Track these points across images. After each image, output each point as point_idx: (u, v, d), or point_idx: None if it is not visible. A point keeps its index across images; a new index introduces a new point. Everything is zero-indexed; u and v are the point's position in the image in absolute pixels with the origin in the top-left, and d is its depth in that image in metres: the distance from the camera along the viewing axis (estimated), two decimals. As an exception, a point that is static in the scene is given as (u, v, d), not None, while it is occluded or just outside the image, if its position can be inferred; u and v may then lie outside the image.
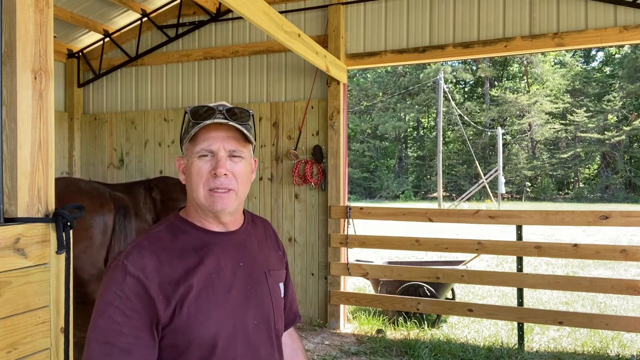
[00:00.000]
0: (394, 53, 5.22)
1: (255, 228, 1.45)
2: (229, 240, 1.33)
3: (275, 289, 1.41)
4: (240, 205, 1.33)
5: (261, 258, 1.40)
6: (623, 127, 34.21)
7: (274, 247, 1.50)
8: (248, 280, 1.32)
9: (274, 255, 1.48)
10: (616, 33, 4.49)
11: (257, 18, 3.26)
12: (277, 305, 1.40)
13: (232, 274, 1.29)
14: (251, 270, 1.34)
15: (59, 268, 1.84)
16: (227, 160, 1.26)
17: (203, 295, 1.22)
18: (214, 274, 1.25)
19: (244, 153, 1.29)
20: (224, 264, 1.29)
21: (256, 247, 1.41)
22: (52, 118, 1.87)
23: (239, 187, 1.28)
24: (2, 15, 1.72)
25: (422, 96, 39.34)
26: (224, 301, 1.25)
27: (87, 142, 6.60)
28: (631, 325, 4.29)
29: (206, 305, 1.22)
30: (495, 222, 4.83)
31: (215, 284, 1.25)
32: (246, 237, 1.38)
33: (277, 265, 1.46)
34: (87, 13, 5.93)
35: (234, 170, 1.27)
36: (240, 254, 1.34)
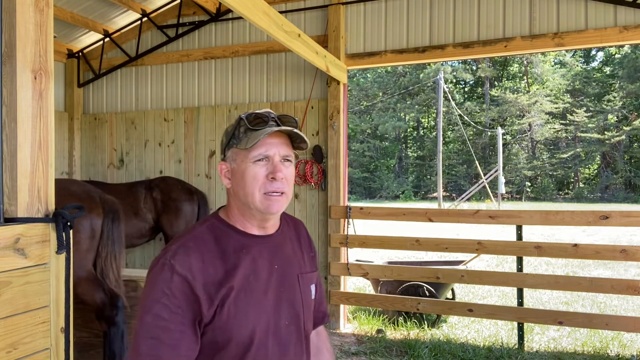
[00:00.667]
0: (394, 53, 5.22)
1: (289, 230, 1.50)
2: (266, 243, 1.38)
3: (307, 291, 1.45)
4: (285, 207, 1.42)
5: (294, 261, 1.45)
6: (623, 127, 34.21)
7: (306, 248, 1.53)
8: (282, 283, 1.38)
9: (306, 257, 1.51)
10: (616, 33, 4.49)
11: (257, 18, 3.26)
12: (307, 306, 1.44)
13: (267, 276, 1.35)
14: (285, 273, 1.40)
15: (58, 268, 1.84)
16: (281, 164, 1.33)
17: (242, 296, 1.28)
18: (251, 276, 1.32)
19: (292, 157, 1.38)
20: (260, 266, 1.34)
21: (290, 250, 1.46)
22: (52, 118, 1.87)
23: (289, 190, 1.36)
24: (2, 15, 1.72)
25: (422, 96, 39.34)
26: (260, 302, 1.32)
27: (87, 142, 6.60)
28: (631, 325, 4.29)
29: (244, 306, 1.29)
30: (495, 222, 4.83)
31: (252, 285, 1.31)
32: (282, 240, 1.44)
33: (309, 267, 1.50)
34: (87, 13, 5.93)
35: (286, 174, 1.34)
36: (275, 257, 1.39)
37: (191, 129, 6.04)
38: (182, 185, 5.49)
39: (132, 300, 3.60)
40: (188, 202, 5.34)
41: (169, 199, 5.32)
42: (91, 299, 3.33)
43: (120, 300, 3.39)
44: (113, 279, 3.45)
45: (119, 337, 3.40)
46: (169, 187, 5.40)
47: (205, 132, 5.97)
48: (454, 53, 5.04)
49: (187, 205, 5.33)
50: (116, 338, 3.39)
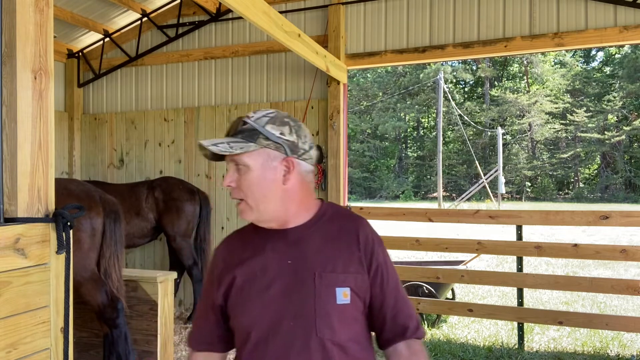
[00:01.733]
0: (394, 53, 5.22)
1: (326, 225, 1.37)
2: (283, 237, 1.35)
3: (326, 292, 1.29)
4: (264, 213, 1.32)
5: (316, 258, 1.32)
6: (623, 127, 34.20)
7: (348, 247, 1.34)
8: (293, 280, 1.31)
9: (344, 256, 1.33)
10: (616, 33, 4.48)
11: (257, 18, 3.26)
12: (324, 310, 1.28)
13: (276, 271, 1.32)
14: (299, 270, 1.31)
15: (58, 268, 1.84)
16: (235, 172, 1.33)
17: (245, 287, 1.33)
18: (259, 271, 1.33)
19: (245, 161, 1.30)
20: (270, 261, 1.33)
21: (315, 246, 1.34)
22: (52, 118, 1.87)
23: (248, 197, 1.31)
24: (2, 15, 1.72)
25: (422, 96, 39.34)
26: (261, 296, 1.31)
27: (87, 142, 6.59)
28: (631, 325, 4.29)
29: (242, 299, 1.33)
30: (495, 222, 4.83)
31: (257, 279, 1.33)
32: (305, 235, 1.35)
33: (344, 268, 1.32)
34: (87, 13, 5.93)
35: (240, 181, 1.32)
36: (291, 252, 1.34)
37: (191, 129, 6.04)
38: (184, 185, 5.48)
39: (132, 300, 3.60)
40: (189, 202, 5.33)
41: (171, 199, 5.32)
42: (93, 300, 3.33)
43: (120, 302, 3.38)
44: (115, 279, 3.45)
45: (122, 339, 3.40)
46: (171, 187, 5.40)
47: (205, 132, 5.97)
48: (454, 53, 5.04)
49: (189, 205, 5.32)
50: (120, 340, 3.39)
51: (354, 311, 1.31)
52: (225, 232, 5.79)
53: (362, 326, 1.35)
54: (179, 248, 5.28)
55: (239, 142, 1.29)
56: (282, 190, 1.32)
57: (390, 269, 1.39)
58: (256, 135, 1.30)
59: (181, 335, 4.97)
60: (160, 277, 3.61)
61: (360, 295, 1.32)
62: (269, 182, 1.30)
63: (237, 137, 1.31)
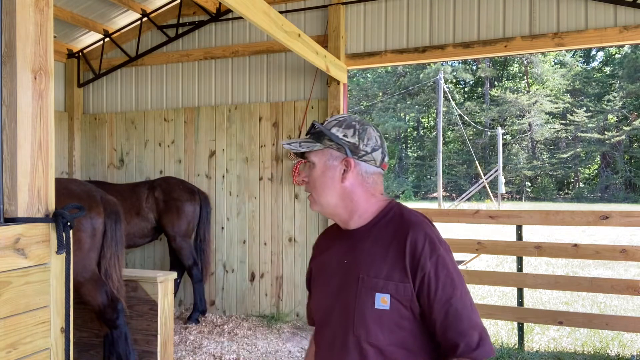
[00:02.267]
0: (394, 53, 5.22)
1: (382, 228, 1.42)
2: (346, 238, 1.47)
3: (366, 295, 1.34)
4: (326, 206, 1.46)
5: (364, 261, 1.39)
6: (623, 127, 34.20)
7: (396, 254, 1.35)
8: (344, 278, 1.42)
9: (389, 262, 1.35)
10: (616, 33, 4.49)
11: (257, 18, 3.26)
12: (361, 311, 1.34)
13: (335, 268, 1.46)
14: (350, 270, 1.41)
15: (58, 268, 1.83)
16: (306, 169, 1.48)
17: (315, 278, 1.55)
18: (326, 264, 1.51)
19: (312, 159, 1.45)
20: (333, 257, 1.49)
21: (366, 249, 1.41)
22: (52, 118, 1.87)
23: (313, 191, 1.46)
24: (2, 15, 1.72)
25: (422, 96, 39.33)
26: (321, 289, 1.51)
27: (87, 142, 6.59)
28: (631, 325, 4.29)
29: (313, 287, 1.56)
30: (495, 222, 4.83)
31: (324, 272, 1.51)
32: (362, 237, 1.43)
33: (387, 274, 1.34)
34: (87, 13, 5.93)
35: (309, 177, 1.46)
36: (348, 252, 1.44)
37: (191, 129, 6.04)
38: (184, 185, 5.49)
39: (132, 300, 3.60)
40: (189, 202, 5.34)
41: (171, 199, 5.33)
42: (93, 301, 3.33)
43: (120, 303, 3.38)
44: (116, 280, 3.46)
45: (122, 340, 3.40)
46: (171, 187, 5.40)
47: (205, 132, 5.97)
48: (454, 53, 5.04)
49: (189, 205, 5.33)
50: (120, 340, 3.39)
51: (396, 317, 1.32)
52: (225, 232, 5.80)
53: (412, 333, 1.34)
54: (179, 248, 5.28)
55: (308, 142, 1.45)
56: (341, 188, 1.43)
57: (443, 282, 1.31)
58: (322, 137, 1.44)
59: (181, 335, 4.97)
60: (160, 277, 3.61)
61: (404, 303, 1.32)
62: (328, 179, 1.43)
63: (307, 138, 1.48)
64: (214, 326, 5.29)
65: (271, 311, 5.59)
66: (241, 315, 5.69)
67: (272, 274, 5.62)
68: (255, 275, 5.69)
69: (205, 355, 4.45)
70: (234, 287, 5.79)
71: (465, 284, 1.37)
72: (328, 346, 1.44)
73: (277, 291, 5.60)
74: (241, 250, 5.75)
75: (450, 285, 1.32)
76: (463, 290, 1.34)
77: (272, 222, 5.63)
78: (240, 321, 5.44)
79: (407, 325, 1.33)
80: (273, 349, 4.63)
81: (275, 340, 4.88)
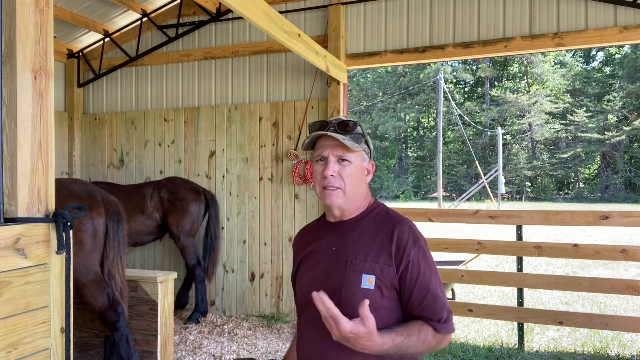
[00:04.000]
0: (394, 53, 5.22)
1: (370, 221, 1.62)
2: (333, 227, 1.66)
3: (353, 277, 1.53)
4: (349, 201, 1.61)
5: (353, 247, 1.58)
6: (623, 127, 34.19)
7: (382, 242, 1.56)
8: (332, 263, 1.59)
9: (376, 248, 1.55)
10: (616, 33, 4.49)
11: (257, 18, 3.26)
12: (349, 290, 1.52)
13: (323, 254, 1.63)
14: (338, 255, 1.59)
15: (58, 268, 1.83)
16: (336, 164, 1.57)
17: (305, 264, 1.70)
18: (314, 252, 1.67)
19: (351, 158, 1.58)
20: (322, 245, 1.65)
21: (354, 237, 1.60)
22: (52, 118, 1.87)
23: (346, 186, 1.57)
24: (2, 15, 1.72)
25: (422, 96, 39.32)
26: (311, 272, 1.66)
27: (87, 142, 6.59)
28: (631, 325, 4.29)
29: (303, 272, 1.71)
30: (495, 222, 4.82)
31: (312, 258, 1.67)
32: (349, 227, 1.63)
33: (373, 258, 1.54)
34: (87, 13, 5.93)
35: (342, 172, 1.57)
36: (336, 240, 1.62)
37: (191, 129, 6.04)
38: (190, 185, 5.50)
39: (132, 300, 3.60)
40: (194, 201, 5.36)
41: (176, 199, 5.36)
42: (95, 302, 3.33)
43: (120, 306, 3.38)
44: (119, 280, 3.46)
45: (124, 341, 3.40)
46: (176, 187, 5.43)
47: (205, 132, 5.97)
48: (454, 53, 5.04)
49: (194, 204, 5.35)
50: (122, 342, 3.39)
51: (378, 298, 1.51)
52: (226, 232, 5.80)
53: (388, 313, 1.52)
54: (182, 247, 5.32)
55: (353, 142, 1.58)
56: (364, 187, 1.66)
57: (423, 269, 1.53)
58: (360, 139, 1.61)
59: (181, 335, 4.97)
60: (160, 277, 3.61)
61: (387, 284, 1.52)
62: (360, 178, 1.63)
63: (349, 136, 1.58)
64: (214, 326, 5.29)
65: (271, 311, 5.60)
66: (241, 315, 5.69)
67: (272, 274, 5.62)
68: (255, 275, 5.69)
69: (205, 355, 4.45)
70: (234, 287, 5.79)
71: (437, 270, 1.59)
72: (313, 325, 1.54)
73: (277, 291, 5.60)
74: (241, 250, 5.76)
75: (428, 273, 1.54)
76: (437, 277, 1.57)
77: (272, 222, 5.63)
78: (240, 321, 5.44)
79: (387, 305, 1.52)
80: (273, 349, 4.63)
81: (275, 340, 4.88)
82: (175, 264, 5.98)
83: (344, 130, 1.58)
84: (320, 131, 1.58)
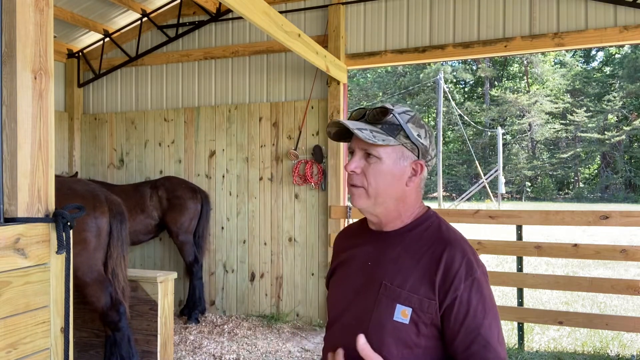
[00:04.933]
0: (394, 53, 5.22)
1: (416, 236, 1.33)
2: (372, 239, 1.39)
3: (386, 304, 1.26)
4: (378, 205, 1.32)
5: (389, 267, 1.30)
6: (623, 127, 34.18)
7: (426, 267, 1.26)
8: (365, 281, 1.33)
9: (417, 275, 1.26)
10: (616, 33, 4.49)
11: (257, 18, 3.26)
12: (378, 321, 1.26)
13: (358, 267, 1.38)
14: (372, 274, 1.33)
15: (59, 268, 1.83)
16: (362, 159, 1.31)
17: (337, 274, 1.46)
18: (347, 262, 1.43)
19: (379, 153, 1.29)
20: (357, 257, 1.40)
21: (394, 255, 1.32)
22: (52, 118, 1.87)
23: (369, 186, 1.30)
24: (2, 15, 1.72)
25: (422, 96, 39.33)
26: (339, 286, 1.43)
27: (87, 142, 6.60)
28: (631, 325, 4.29)
29: (335, 283, 1.47)
30: (495, 222, 4.82)
31: (346, 267, 1.43)
32: (392, 242, 1.34)
33: (412, 287, 1.25)
34: (87, 13, 5.93)
35: (366, 169, 1.31)
36: (374, 254, 1.36)
37: (191, 129, 6.04)
38: (186, 184, 5.58)
39: (132, 300, 3.60)
40: (192, 200, 5.42)
41: (174, 197, 5.40)
42: (97, 302, 3.33)
43: (122, 306, 3.38)
44: (122, 279, 3.47)
45: (125, 342, 3.40)
46: (174, 186, 5.49)
47: (205, 132, 5.97)
48: (454, 53, 5.04)
49: (191, 203, 5.41)
50: (123, 342, 3.39)
51: (412, 335, 1.24)
52: (225, 232, 5.80)
53: (425, 353, 1.25)
54: (181, 244, 5.36)
55: (381, 134, 1.29)
56: (402, 191, 1.32)
57: (475, 307, 1.21)
58: (397, 131, 1.30)
59: (181, 335, 4.97)
60: (160, 277, 3.61)
61: (425, 321, 1.23)
62: (395, 179, 1.31)
63: (378, 127, 1.30)
64: (214, 326, 5.29)
65: (271, 311, 5.59)
66: (241, 315, 5.69)
67: (272, 274, 5.62)
68: (255, 275, 5.69)
69: (205, 355, 4.45)
70: (234, 287, 5.79)
71: (496, 310, 1.26)
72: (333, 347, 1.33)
73: (277, 291, 5.60)
74: (241, 250, 5.75)
75: (482, 312, 1.22)
76: (493, 319, 1.23)
77: (272, 222, 5.63)
78: (240, 321, 5.44)
79: (423, 344, 1.24)
80: (273, 349, 4.63)
81: (275, 340, 4.88)
82: (175, 263, 5.98)
83: (373, 120, 1.31)
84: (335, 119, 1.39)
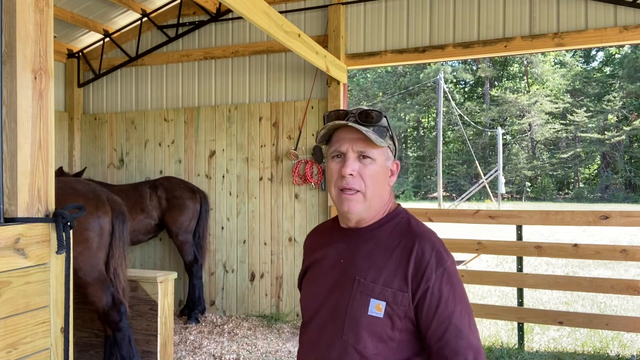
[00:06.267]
0: (394, 53, 5.22)
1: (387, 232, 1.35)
2: (345, 235, 1.41)
3: (360, 299, 1.28)
4: (370, 207, 1.34)
5: (363, 263, 1.32)
6: (623, 127, 34.17)
7: (398, 261, 1.29)
8: (338, 278, 1.35)
9: (390, 269, 1.28)
10: (616, 33, 4.48)
11: (257, 18, 3.26)
12: (353, 316, 1.28)
13: (330, 266, 1.39)
14: (346, 270, 1.34)
15: (59, 268, 1.83)
16: (356, 161, 1.30)
17: (310, 273, 1.47)
18: (320, 261, 1.43)
19: (374, 154, 1.31)
20: (329, 255, 1.41)
21: (366, 251, 1.34)
22: (52, 118, 1.87)
23: (367, 188, 1.31)
24: (2, 15, 1.72)
25: (422, 96, 39.32)
26: (312, 285, 1.44)
27: (87, 142, 6.59)
28: (631, 325, 4.29)
29: (307, 282, 1.47)
30: (495, 222, 4.83)
31: (318, 267, 1.43)
32: (363, 237, 1.36)
33: (385, 281, 1.27)
34: (87, 13, 5.93)
35: (363, 172, 1.30)
36: (346, 251, 1.38)
37: (191, 129, 6.04)
38: (185, 184, 5.58)
39: (132, 300, 3.60)
40: (191, 199, 5.43)
41: (173, 197, 5.41)
42: (99, 302, 3.33)
43: (123, 306, 3.38)
44: (123, 279, 3.48)
45: (126, 342, 3.40)
46: (173, 186, 5.50)
47: (205, 132, 5.97)
48: (454, 53, 5.04)
49: (190, 202, 5.42)
50: (124, 343, 3.39)
51: (387, 328, 1.26)
52: (225, 232, 5.80)
53: (400, 345, 1.27)
54: (180, 244, 5.37)
55: (377, 136, 1.30)
56: (386, 190, 1.37)
57: (446, 297, 1.24)
58: (385, 133, 1.34)
59: (181, 335, 4.97)
60: (160, 277, 3.61)
61: (399, 314, 1.26)
62: (384, 180, 1.36)
63: (371, 129, 1.31)
64: (214, 326, 5.29)
65: (271, 311, 5.59)
66: (241, 315, 5.69)
67: (272, 274, 5.62)
68: (255, 275, 5.69)
69: (205, 355, 4.45)
70: (234, 287, 5.79)
71: (467, 299, 1.29)
72: (310, 345, 1.38)
73: (277, 291, 5.60)
74: (241, 250, 5.75)
75: (452, 301, 1.25)
76: (464, 307, 1.27)
77: (272, 222, 5.63)
78: (240, 321, 5.44)
79: (397, 337, 1.26)
80: (273, 349, 4.63)
81: (275, 340, 4.88)
82: (175, 263, 5.98)
83: (367, 122, 1.31)
84: (339, 121, 1.31)
